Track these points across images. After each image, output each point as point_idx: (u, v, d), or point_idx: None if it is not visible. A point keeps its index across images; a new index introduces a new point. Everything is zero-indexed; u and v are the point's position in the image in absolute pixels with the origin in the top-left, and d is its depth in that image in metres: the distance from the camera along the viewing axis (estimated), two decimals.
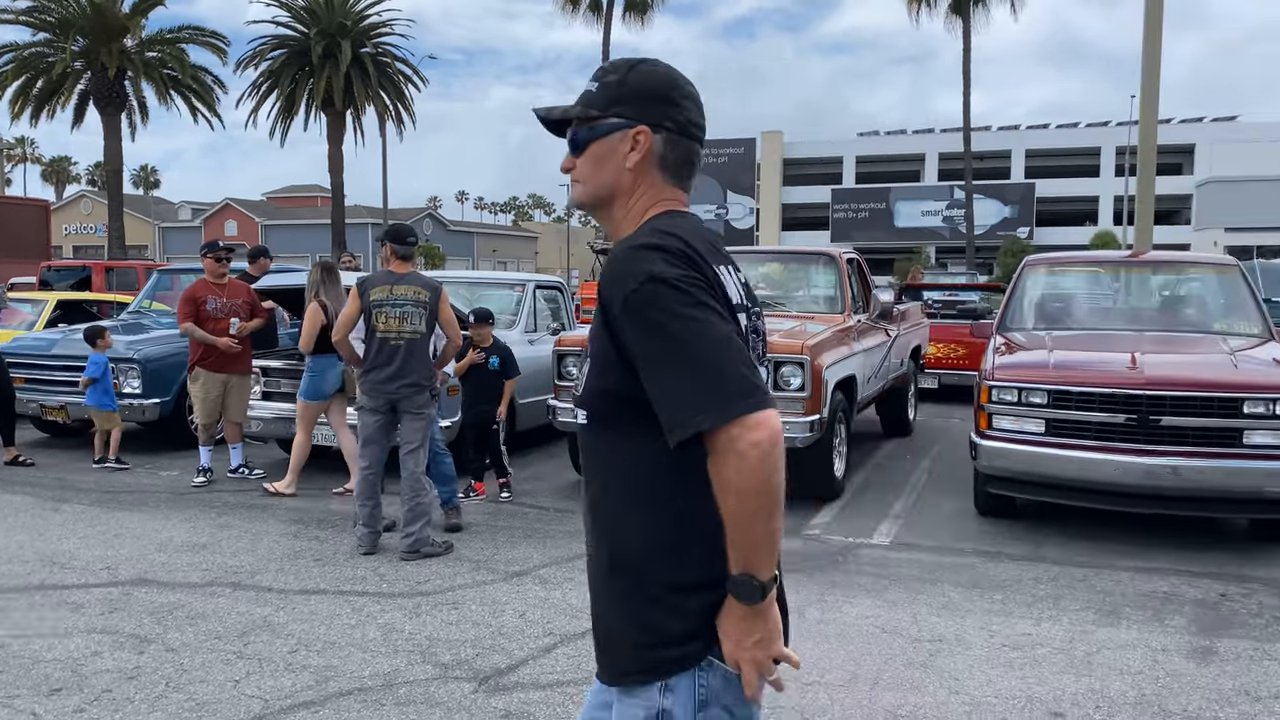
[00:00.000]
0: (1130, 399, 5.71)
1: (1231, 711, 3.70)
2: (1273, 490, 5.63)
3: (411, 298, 5.67)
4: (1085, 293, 8.08)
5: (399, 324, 5.63)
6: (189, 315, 7.51)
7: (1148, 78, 11.58)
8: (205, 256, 7.82)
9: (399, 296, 5.65)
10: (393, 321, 5.63)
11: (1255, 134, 58.43)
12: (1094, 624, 4.63)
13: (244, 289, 7.93)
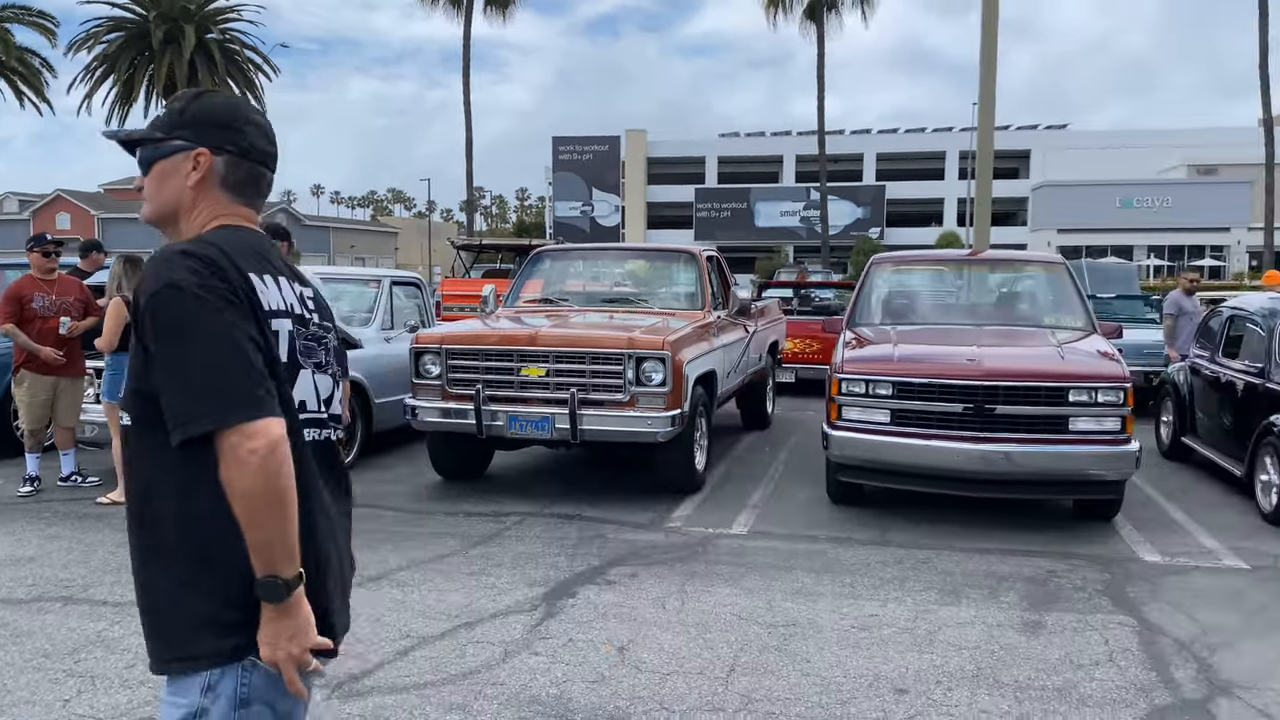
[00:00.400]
0: (968, 389, 6.03)
1: (1057, 679, 3.97)
2: (1095, 473, 6.06)
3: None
4: (928, 289, 8.49)
5: None
6: (11, 315, 6.99)
7: (985, 87, 12.27)
8: (31, 251, 7.29)
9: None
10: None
11: (1085, 141, 62.71)
12: (936, 603, 4.87)
13: (76, 285, 7.44)
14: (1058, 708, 3.70)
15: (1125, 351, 10.92)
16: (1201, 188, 54.25)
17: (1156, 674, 4.03)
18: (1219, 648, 4.32)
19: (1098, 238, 51.86)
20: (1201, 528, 6.42)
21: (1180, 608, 4.84)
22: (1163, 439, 9.07)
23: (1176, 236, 53.07)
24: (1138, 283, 15.03)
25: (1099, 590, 5.11)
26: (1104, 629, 4.54)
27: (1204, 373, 8.32)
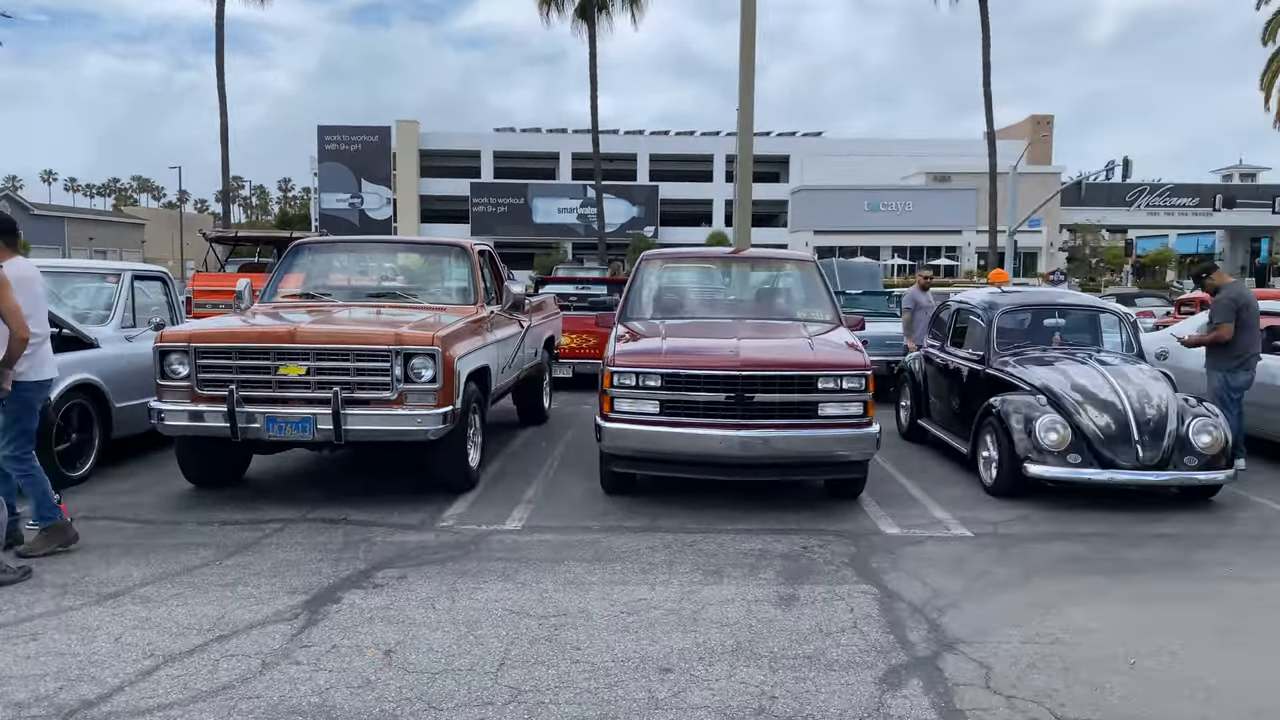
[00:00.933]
0: (729, 380, 6.33)
1: (808, 647, 4.25)
2: (843, 453, 6.53)
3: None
4: (694, 285, 8.83)
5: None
6: None
7: (744, 94, 12.91)
8: None
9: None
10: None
11: (838, 149, 67.16)
12: (700, 584, 5.08)
13: None
14: (808, 674, 3.96)
15: (869, 343, 11.81)
16: (936, 193, 59.48)
17: (894, 636, 4.40)
18: (946, 609, 4.78)
19: (849, 239, 55.69)
20: (934, 501, 7.06)
21: (915, 575, 5.31)
22: (902, 422, 9.90)
23: (916, 238, 57.91)
24: (881, 280, 16.31)
25: (846, 563, 5.51)
26: (850, 598, 4.90)
27: (935, 361, 9.16)
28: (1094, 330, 8.75)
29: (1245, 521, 6.62)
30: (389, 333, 6.40)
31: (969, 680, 3.92)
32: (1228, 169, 74.48)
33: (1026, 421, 6.98)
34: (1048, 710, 3.66)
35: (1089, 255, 56.57)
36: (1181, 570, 5.50)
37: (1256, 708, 3.70)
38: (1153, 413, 6.93)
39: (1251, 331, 7.99)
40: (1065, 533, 6.26)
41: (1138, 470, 6.78)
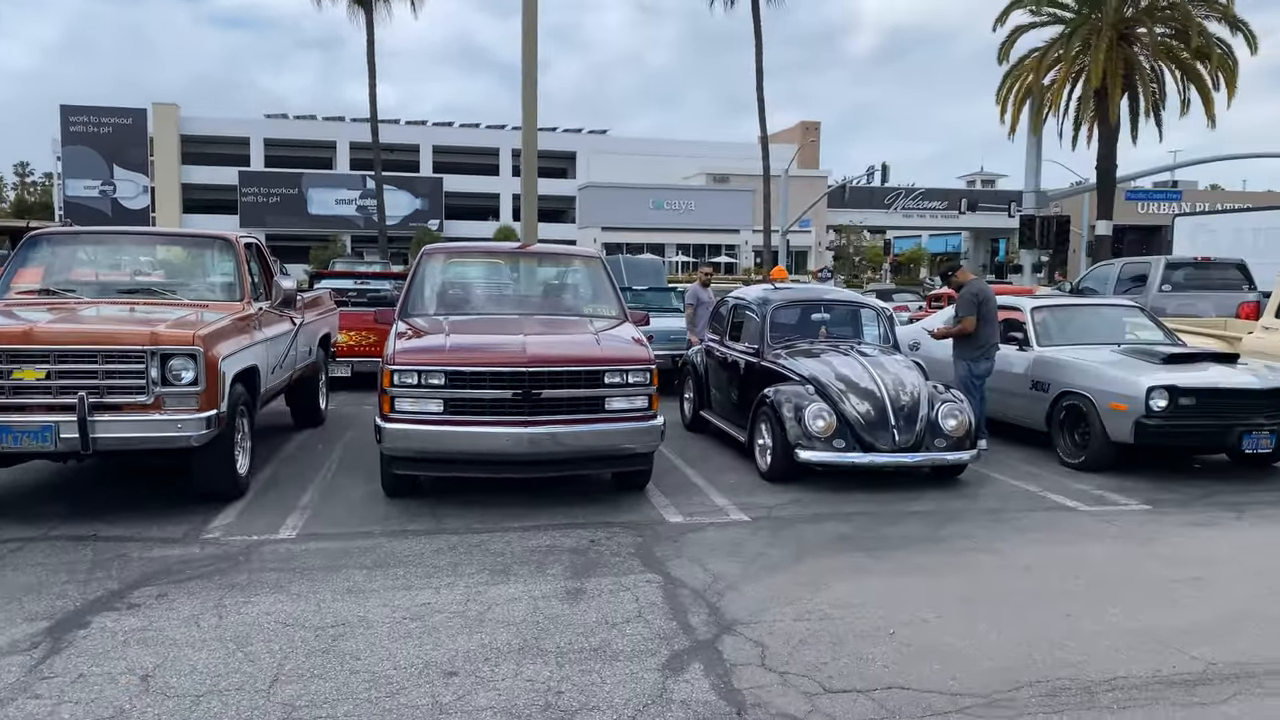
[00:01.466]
0: (516, 376, 6.29)
1: (594, 640, 4.29)
2: (629, 446, 6.65)
3: None
4: (478, 280, 8.70)
5: None
6: None
7: (527, 88, 12.86)
8: None
9: None
10: None
11: (623, 147, 68.33)
12: (487, 584, 5.02)
13: None
14: (594, 666, 4.00)
15: (654, 337, 12.11)
16: (716, 194, 61.81)
17: (677, 622, 4.53)
18: (725, 592, 4.97)
19: (636, 236, 56.86)
20: (715, 489, 7.33)
21: (697, 561, 5.48)
22: (685, 414, 10.21)
23: (698, 236, 59.95)
24: (665, 276, 16.74)
25: (632, 553, 5.62)
26: (635, 588, 5.00)
27: (716, 354, 9.51)
28: (856, 324, 9.36)
29: (986, 497, 7.30)
30: (143, 332, 5.90)
31: (746, 660, 4.10)
32: (971, 175, 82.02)
33: (797, 410, 7.38)
34: (817, 683, 3.88)
35: (853, 254, 60.62)
36: (934, 544, 5.98)
37: (994, 666, 4.08)
38: (907, 399, 7.50)
39: (991, 324, 8.82)
40: (833, 513, 6.66)
41: (895, 453, 7.33)
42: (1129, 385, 7.75)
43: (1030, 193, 29.94)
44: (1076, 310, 9.93)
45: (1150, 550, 5.86)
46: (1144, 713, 3.65)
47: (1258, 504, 7.13)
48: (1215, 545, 6.01)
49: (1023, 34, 29.21)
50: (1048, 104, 28.77)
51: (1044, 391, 8.71)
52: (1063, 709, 3.67)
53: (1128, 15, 27.30)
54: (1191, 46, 26.60)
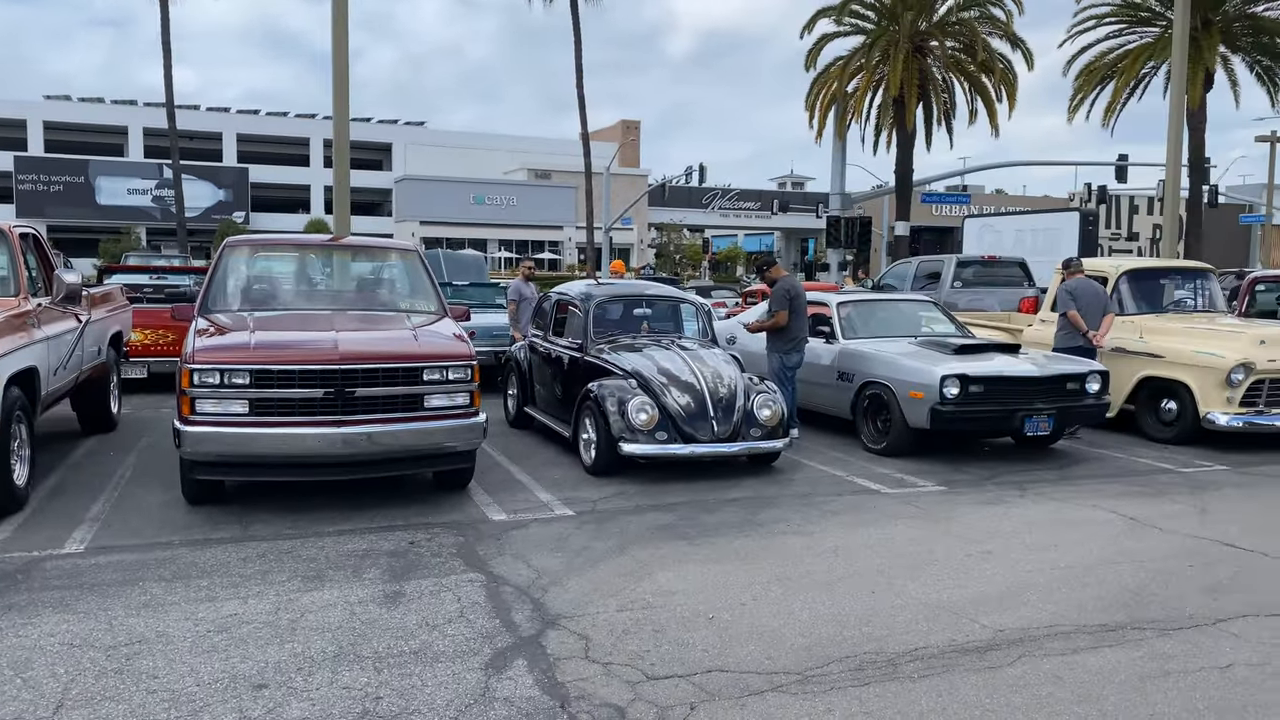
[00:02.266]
0: (327, 374, 6.04)
1: (414, 643, 4.18)
2: (450, 445, 6.51)
3: None
4: (287, 275, 8.30)
5: None
6: None
7: (338, 77, 12.38)
8: None
9: None
10: None
11: (443, 139, 67.02)
12: (299, 591, 4.80)
13: None
14: (414, 669, 3.90)
15: (477, 334, 11.94)
16: (539, 190, 61.67)
17: (500, 621, 4.48)
18: (549, 587, 4.96)
19: (456, 230, 55.93)
20: (539, 485, 7.30)
21: (520, 558, 5.44)
22: (509, 410, 10.12)
23: (522, 232, 59.65)
24: (488, 272, 16.54)
25: (454, 553, 5.51)
26: (457, 588, 4.91)
27: (539, 350, 9.47)
28: (676, 319, 9.55)
29: (798, 483, 7.62)
30: None
31: (570, 653, 4.10)
32: (783, 177, 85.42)
33: (620, 404, 7.45)
34: (640, 671, 3.93)
35: (673, 252, 61.93)
36: (750, 529, 6.19)
37: (807, 644, 4.26)
38: (725, 391, 7.73)
39: (801, 319, 9.21)
40: (655, 504, 6.78)
41: (714, 443, 7.53)
42: (925, 375, 8.28)
43: (836, 195, 31.53)
44: (877, 305, 10.51)
45: (945, 528, 6.29)
46: (942, 679, 3.91)
47: (1038, 482, 7.78)
48: (1002, 521, 6.52)
49: (828, 42, 30.71)
50: (851, 110, 30.36)
51: (849, 382, 9.17)
52: (869, 681, 3.88)
53: (922, 28, 29.17)
54: (977, 60, 28.72)
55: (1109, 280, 10.43)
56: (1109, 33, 29.05)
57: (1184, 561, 5.58)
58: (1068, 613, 4.70)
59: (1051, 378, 8.48)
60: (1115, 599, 4.91)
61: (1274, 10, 27.09)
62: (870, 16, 30.04)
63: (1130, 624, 4.56)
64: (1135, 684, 3.88)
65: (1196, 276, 11.11)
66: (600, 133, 61.48)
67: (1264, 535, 6.17)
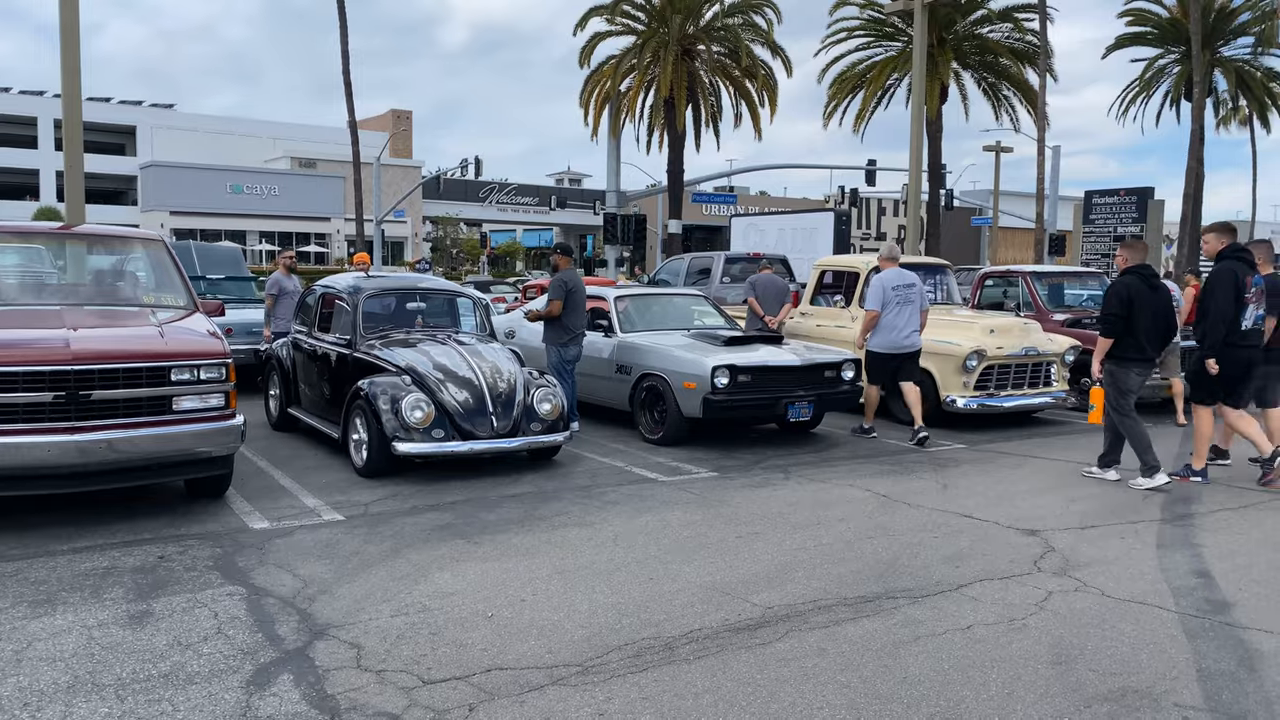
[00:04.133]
0: (58, 375, 5.44)
1: (164, 665, 3.82)
2: (203, 450, 6.03)
3: None
4: (10, 267, 7.40)
5: None
6: None
7: (66, 45, 11.17)
8: None
9: None
10: None
11: (194, 124, 62.37)
12: (26, 618, 4.28)
13: None
14: (164, 694, 3.56)
15: (235, 330, 11.22)
16: (304, 179, 58.68)
17: (263, 634, 4.18)
18: (317, 596, 4.69)
19: (211, 221, 52.29)
20: (306, 489, 6.92)
21: (285, 567, 5.12)
22: (272, 411, 9.54)
23: (285, 223, 56.52)
24: (245, 265, 15.52)
25: (210, 566, 5.11)
26: (214, 603, 4.55)
27: (304, 346, 8.98)
28: (453, 313, 9.36)
29: (579, 475, 7.65)
30: None
31: (340, 664, 3.89)
32: (560, 174, 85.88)
33: (393, 402, 7.19)
34: (416, 676, 3.79)
35: (450, 246, 60.82)
36: (531, 524, 6.14)
37: (587, 634, 4.27)
38: (504, 386, 7.63)
39: (579, 312, 9.27)
40: (433, 504, 6.59)
41: (494, 439, 7.42)
42: (697, 366, 8.54)
43: (612, 192, 32.02)
44: (653, 300, 10.76)
45: (717, 512, 6.51)
46: (716, 659, 4.02)
47: (801, 465, 8.22)
48: (769, 503, 6.83)
49: (601, 40, 31.15)
50: (625, 110, 30.96)
51: (627, 374, 9.33)
52: (647, 666, 3.93)
53: (690, 32, 30.17)
54: (741, 65, 30.08)
55: (860, 275, 11.19)
56: (859, 45, 31.25)
57: (930, 534, 6.07)
58: (829, 587, 4.98)
59: (810, 366, 8.98)
60: (871, 571, 5.26)
61: (996, 32, 30.11)
62: (640, 18, 30.73)
63: (885, 594, 4.89)
64: (890, 650, 4.16)
65: (936, 272, 12.13)
66: (370, 121, 59.38)
67: (997, 506, 6.82)
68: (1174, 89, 36.12)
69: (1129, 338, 7.46)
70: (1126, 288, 7.44)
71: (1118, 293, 7.45)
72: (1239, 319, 7.31)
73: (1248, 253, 7.46)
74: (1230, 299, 7.24)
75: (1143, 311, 7.43)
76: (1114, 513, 6.67)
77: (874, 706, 3.60)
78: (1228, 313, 7.25)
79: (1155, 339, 7.55)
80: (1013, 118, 31.86)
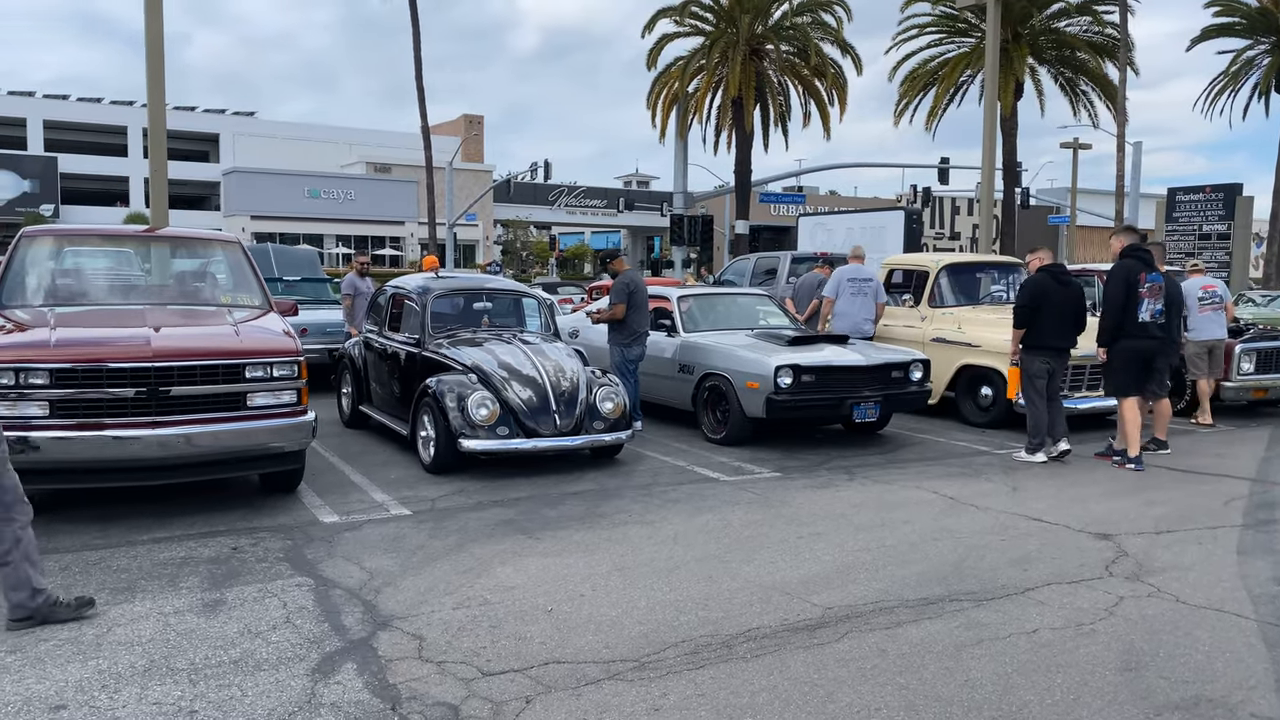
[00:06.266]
0: (139, 372, 5.65)
1: (234, 652, 3.95)
2: (276, 445, 6.21)
3: None
4: (96, 268, 7.72)
5: None
6: None
7: (151, 55, 11.61)
8: None
9: None
10: None
11: (273, 130, 64.18)
12: (107, 604, 4.46)
13: None
14: (233, 679, 3.68)
15: (310, 330, 11.51)
16: (379, 184, 59.92)
17: (329, 624, 4.29)
18: (382, 588, 4.80)
19: (290, 225, 53.71)
20: (375, 485, 7.07)
21: (352, 559, 5.25)
22: (344, 409, 9.77)
23: (360, 227, 57.79)
24: (321, 267, 15.91)
25: (280, 558, 5.26)
26: (283, 594, 4.68)
27: (375, 346, 9.18)
28: (519, 313, 9.48)
29: (641, 474, 7.68)
30: None
31: (402, 654, 3.97)
32: (628, 176, 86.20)
33: (459, 399, 7.30)
34: (475, 668, 3.85)
35: (520, 249, 61.49)
36: (592, 521, 6.18)
37: (644, 631, 4.29)
38: (567, 385, 7.70)
39: (642, 312, 9.30)
40: (496, 500, 6.68)
41: (557, 437, 7.49)
42: (760, 365, 8.50)
43: (679, 193, 32.04)
44: (716, 299, 10.74)
45: (779, 512, 6.47)
46: (774, 658, 4.00)
47: (866, 466, 8.12)
48: (832, 504, 6.76)
49: (669, 42, 31.20)
50: (692, 110, 30.96)
51: (689, 374, 9.32)
52: (704, 664, 3.93)
53: (758, 32, 30.03)
54: (810, 65, 29.82)
55: (930, 274, 11.01)
56: (930, 41, 30.74)
57: (997, 536, 5.94)
58: (892, 588, 4.92)
59: (877, 366, 8.87)
60: (935, 574, 5.17)
61: (1074, 26, 29.35)
62: (709, 18, 30.69)
63: (949, 597, 4.81)
64: (952, 652, 4.09)
65: (1009, 271, 11.87)
66: (442, 127, 60.36)
67: (1066, 509, 6.65)
68: (1263, 81, 34.68)
69: (1037, 329, 8.21)
70: (1037, 284, 8.23)
71: (1029, 288, 8.26)
72: (1135, 312, 7.96)
73: (1146, 252, 8.19)
74: (1120, 293, 7.95)
75: (1050, 306, 8.18)
76: (1192, 518, 6.45)
77: (933, 708, 3.55)
78: (1115, 305, 7.97)
79: (1063, 331, 8.29)
80: (1091, 114, 31.03)
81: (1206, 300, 10.27)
